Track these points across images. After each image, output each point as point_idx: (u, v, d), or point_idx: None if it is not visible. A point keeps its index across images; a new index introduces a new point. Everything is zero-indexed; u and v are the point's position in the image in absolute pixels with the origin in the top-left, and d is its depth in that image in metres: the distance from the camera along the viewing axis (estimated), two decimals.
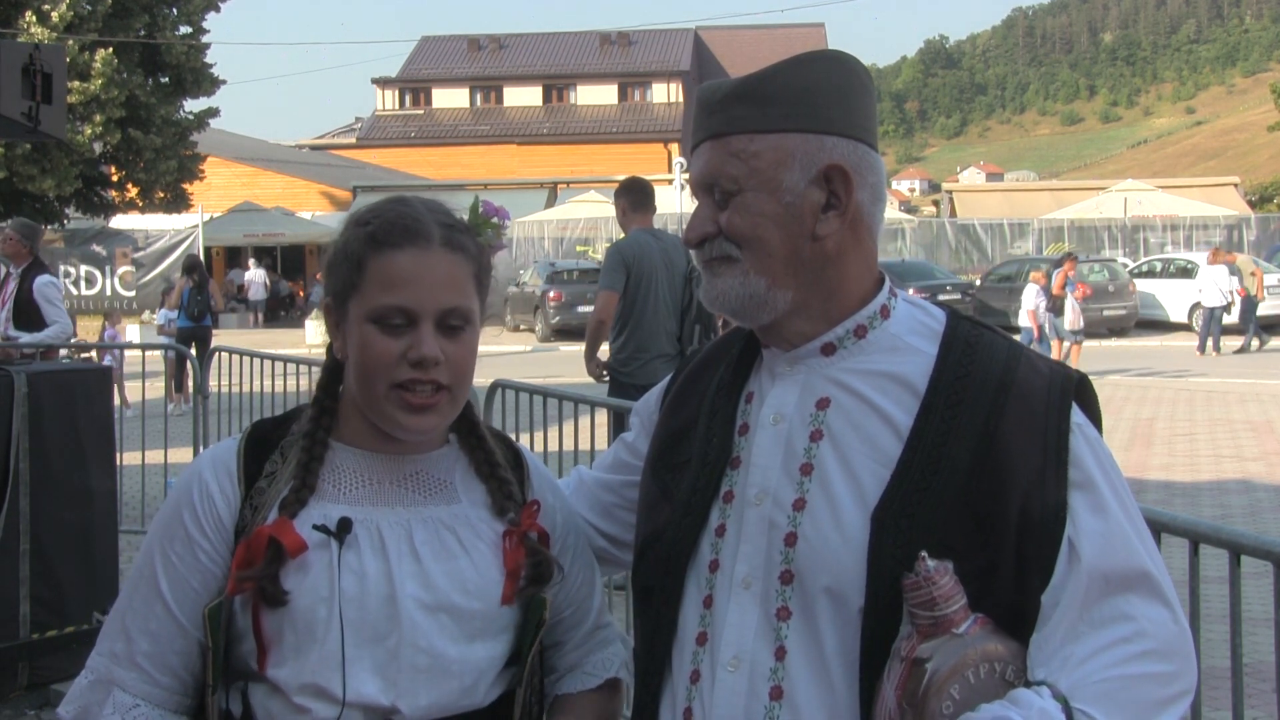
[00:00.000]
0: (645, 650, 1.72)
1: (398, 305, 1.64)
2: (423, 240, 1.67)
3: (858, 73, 1.65)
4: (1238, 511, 9.48)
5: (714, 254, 1.64)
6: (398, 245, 1.66)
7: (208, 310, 15.74)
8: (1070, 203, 38.48)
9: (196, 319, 15.67)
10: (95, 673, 1.70)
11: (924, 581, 1.43)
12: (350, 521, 1.64)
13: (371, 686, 1.62)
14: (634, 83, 58.47)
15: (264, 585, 1.60)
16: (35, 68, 5.52)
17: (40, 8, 22.87)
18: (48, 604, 5.20)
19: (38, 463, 5.18)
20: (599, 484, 1.97)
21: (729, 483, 1.66)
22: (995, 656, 1.46)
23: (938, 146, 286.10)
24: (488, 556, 1.70)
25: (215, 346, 8.97)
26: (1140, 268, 28.00)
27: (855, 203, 1.61)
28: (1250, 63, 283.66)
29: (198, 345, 14.29)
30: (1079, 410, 1.58)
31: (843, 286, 1.63)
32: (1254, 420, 14.24)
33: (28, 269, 9.50)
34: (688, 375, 1.84)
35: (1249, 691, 2.88)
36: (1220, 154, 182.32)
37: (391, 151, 53.88)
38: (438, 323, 1.65)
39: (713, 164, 1.63)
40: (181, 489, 1.73)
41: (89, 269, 32.60)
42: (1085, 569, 1.49)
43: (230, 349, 8.72)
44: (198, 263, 16.53)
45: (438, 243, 1.68)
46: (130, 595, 1.72)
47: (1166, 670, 1.49)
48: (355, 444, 1.73)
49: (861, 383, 1.60)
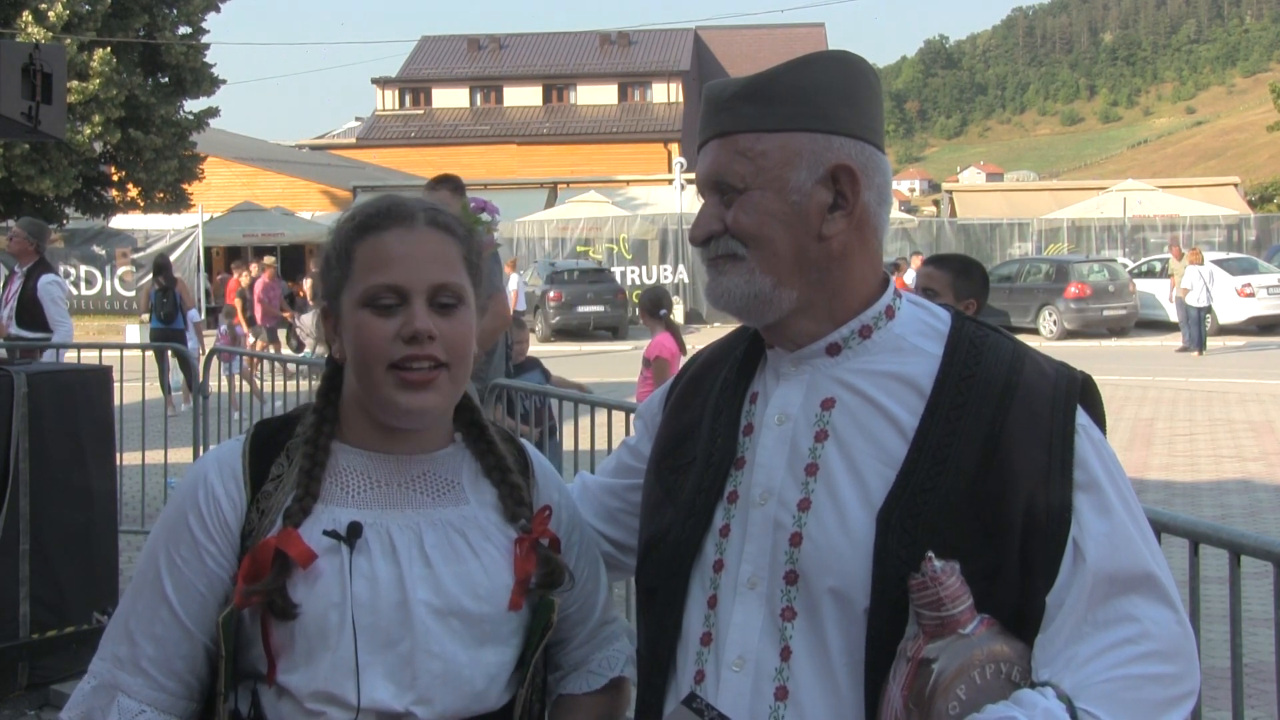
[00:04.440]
0: (649, 651, 1.71)
1: (387, 284, 1.63)
2: (407, 220, 1.67)
3: (865, 74, 1.65)
4: (1238, 511, 9.47)
5: (719, 252, 1.64)
6: (383, 227, 1.66)
7: (177, 312, 15.50)
8: (1070, 203, 38.42)
9: (165, 321, 15.46)
10: (98, 678, 1.67)
11: (930, 582, 1.43)
12: (360, 526, 1.63)
13: (385, 692, 1.60)
14: (634, 83, 58.43)
15: (273, 599, 1.58)
16: (35, 67, 5.51)
17: (38, 7, 22.87)
18: (48, 604, 5.19)
19: (38, 463, 5.18)
20: (603, 489, 1.96)
21: (733, 483, 1.65)
22: (1001, 657, 1.46)
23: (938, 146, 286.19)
24: (498, 560, 1.68)
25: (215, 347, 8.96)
26: (1140, 268, 27.99)
27: (862, 203, 1.61)
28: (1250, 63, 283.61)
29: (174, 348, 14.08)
30: (1083, 411, 1.58)
31: (848, 287, 1.63)
32: (1254, 420, 14.24)
33: (33, 268, 9.54)
34: (691, 376, 1.83)
35: (1249, 691, 2.88)
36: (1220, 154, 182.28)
37: (391, 151, 53.84)
38: (430, 299, 1.64)
39: (719, 162, 1.62)
40: (186, 491, 1.71)
41: (89, 269, 32.57)
42: (1090, 570, 1.49)
43: (230, 349, 8.73)
44: (165, 264, 16.18)
45: (422, 222, 1.68)
46: (134, 599, 1.69)
47: (1170, 671, 1.49)
48: (361, 445, 1.71)
49: (867, 383, 1.60)
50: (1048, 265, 26.96)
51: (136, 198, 26.61)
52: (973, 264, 5.20)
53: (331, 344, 1.73)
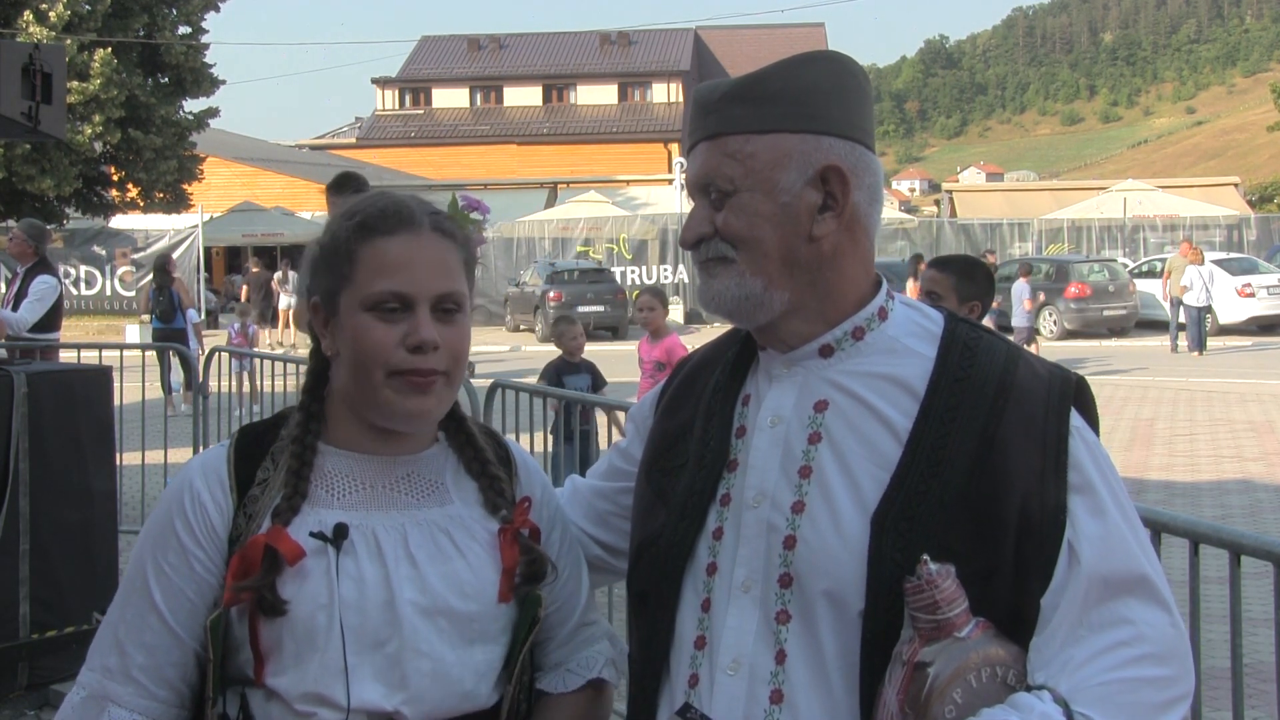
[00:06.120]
0: (641, 655, 1.71)
1: (393, 290, 1.63)
2: (414, 226, 1.67)
3: (854, 73, 1.64)
4: (1238, 511, 9.47)
5: (710, 255, 1.63)
6: (389, 231, 1.66)
7: (174, 311, 15.51)
8: (1070, 203, 38.42)
9: (165, 320, 15.49)
10: (88, 688, 1.67)
11: (926, 585, 1.43)
12: (346, 527, 1.63)
13: (374, 692, 1.60)
14: (634, 83, 58.43)
15: (262, 595, 1.58)
16: (35, 67, 5.52)
17: (38, 7, 22.87)
18: (48, 604, 5.20)
19: (38, 463, 5.18)
20: (594, 492, 1.95)
21: (726, 485, 1.65)
22: (997, 660, 1.45)
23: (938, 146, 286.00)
24: (482, 557, 1.69)
25: (214, 347, 8.96)
26: (1140, 268, 27.98)
27: (852, 204, 1.60)
28: (1250, 63, 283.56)
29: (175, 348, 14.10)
30: (1077, 413, 1.58)
31: (839, 288, 1.63)
32: (1254, 420, 14.23)
33: (32, 269, 9.55)
34: (683, 378, 1.83)
35: (1249, 691, 2.87)
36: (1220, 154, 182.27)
37: (391, 151, 53.83)
38: (433, 307, 1.65)
39: (709, 165, 1.62)
40: (172, 498, 1.71)
41: (89, 269, 32.56)
42: (1085, 572, 1.48)
43: (230, 349, 8.73)
44: (161, 263, 16.27)
45: (428, 228, 1.68)
46: (122, 608, 1.69)
47: (1166, 674, 1.49)
48: (347, 447, 1.71)
49: (860, 385, 1.60)
50: (1048, 265, 26.95)
51: (136, 198, 26.61)
52: (977, 265, 5.17)
53: (322, 339, 1.72)
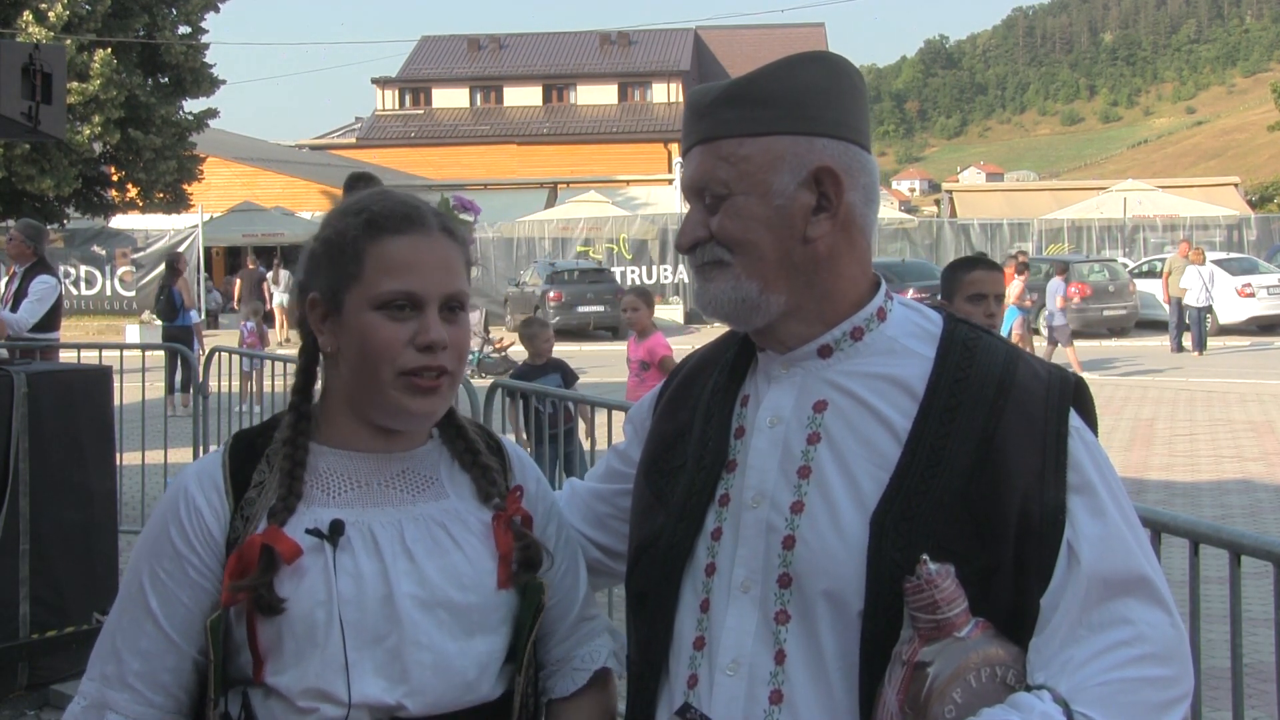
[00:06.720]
0: (640, 656, 1.71)
1: (405, 290, 1.64)
2: (423, 226, 1.68)
3: (848, 74, 1.64)
4: (1238, 511, 9.47)
5: (706, 259, 1.64)
6: (399, 231, 1.67)
7: (175, 310, 15.54)
8: (1070, 203, 38.40)
9: (168, 319, 15.55)
10: (88, 698, 1.69)
11: (926, 585, 1.43)
12: (342, 524, 1.64)
13: (375, 687, 1.61)
14: (634, 83, 58.41)
15: (260, 593, 1.59)
16: (35, 68, 5.52)
17: (38, 7, 22.86)
18: (48, 604, 5.20)
19: (38, 463, 5.18)
20: (592, 494, 1.96)
21: (725, 486, 1.65)
22: (997, 660, 1.45)
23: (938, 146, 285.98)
24: (479, 548, 1.70)
25: (215, 347, 8.96)
26: (1140, 268, 27.98)
27: (846, 204, 1.60)
28: (1250, 63, 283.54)
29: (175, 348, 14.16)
30: (1076, 414, 1.58)
31: (837, 289, 1.63)
32: (1254, 420, 14.24)
33: (30, 269, 9.55)
34: (682, 379, 1.83)
35: (1249, 691, 2.87)
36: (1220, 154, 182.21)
37: (391, 151, 53.79)
38: (441, 307, 1.67)
39: (703, 168, 1.63)
40: (167, 506, 1.72)
41: (89, 269, 32.55)
42: (1084, 573, 1.48)
43: (230, 349, 8.73)
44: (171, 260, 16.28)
45: (436, 228, 1.69)
46: (119, 615, 1.71)
47: (1165, 674, 1.49)
48: (341, 446, 1.72)
49: (859, 385, 1.60)
50: (1047, 265, 26.95)
51: (136, 198, 26.58)
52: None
53: (318, 335, 1.72)
